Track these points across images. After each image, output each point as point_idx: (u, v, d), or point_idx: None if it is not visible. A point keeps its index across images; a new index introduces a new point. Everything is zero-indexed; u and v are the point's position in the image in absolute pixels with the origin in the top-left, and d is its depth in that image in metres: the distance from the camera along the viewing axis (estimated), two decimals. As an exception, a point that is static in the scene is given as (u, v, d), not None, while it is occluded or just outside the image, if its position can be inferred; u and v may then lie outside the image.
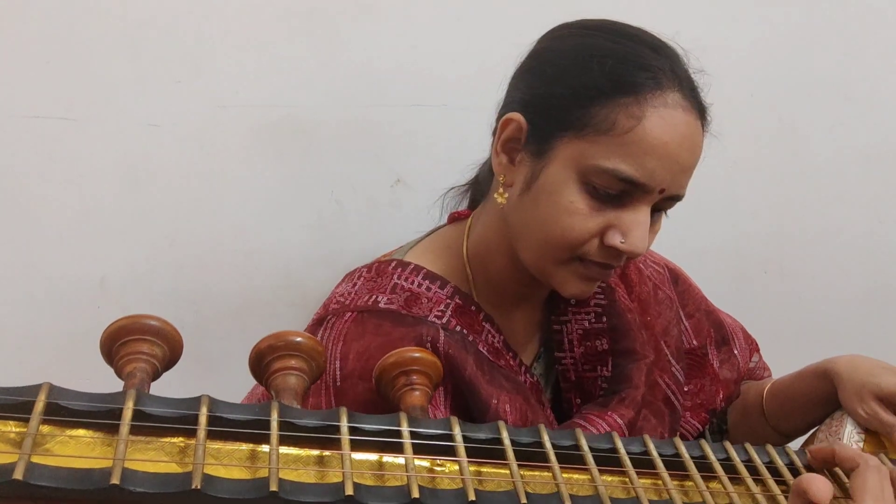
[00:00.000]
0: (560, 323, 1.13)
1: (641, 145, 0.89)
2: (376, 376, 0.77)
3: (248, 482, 0.55)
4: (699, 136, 0.95)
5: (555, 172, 0.93)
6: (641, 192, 0.92)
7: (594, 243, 0.94)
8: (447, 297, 1.03)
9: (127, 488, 0.51)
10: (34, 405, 0.54)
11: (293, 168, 1.37)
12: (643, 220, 0.93)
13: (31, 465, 0.50)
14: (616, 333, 1.12)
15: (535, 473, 0.68)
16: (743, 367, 1.29)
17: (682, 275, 1.30)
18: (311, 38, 1.33)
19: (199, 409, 0.58)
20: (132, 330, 0.64)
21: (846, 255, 1.82)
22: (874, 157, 1.78)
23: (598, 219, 0.93)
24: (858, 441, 1.06)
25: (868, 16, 1.70)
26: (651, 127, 0.89)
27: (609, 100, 0.90)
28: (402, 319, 0.99)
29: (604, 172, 0.90)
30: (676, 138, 0.91)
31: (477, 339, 1.03)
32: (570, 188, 0.92)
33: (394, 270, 1.05)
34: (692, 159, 0.94)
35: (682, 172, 0.93)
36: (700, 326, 1.27)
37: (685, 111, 0.92)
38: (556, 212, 0.93)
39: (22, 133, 1.22)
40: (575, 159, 0.92)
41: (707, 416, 1.23)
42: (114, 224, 1.29)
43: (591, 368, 1.11)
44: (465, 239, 1.09)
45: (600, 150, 0.90)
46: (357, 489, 0.57)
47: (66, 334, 1.29)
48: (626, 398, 1.08)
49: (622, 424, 1.05)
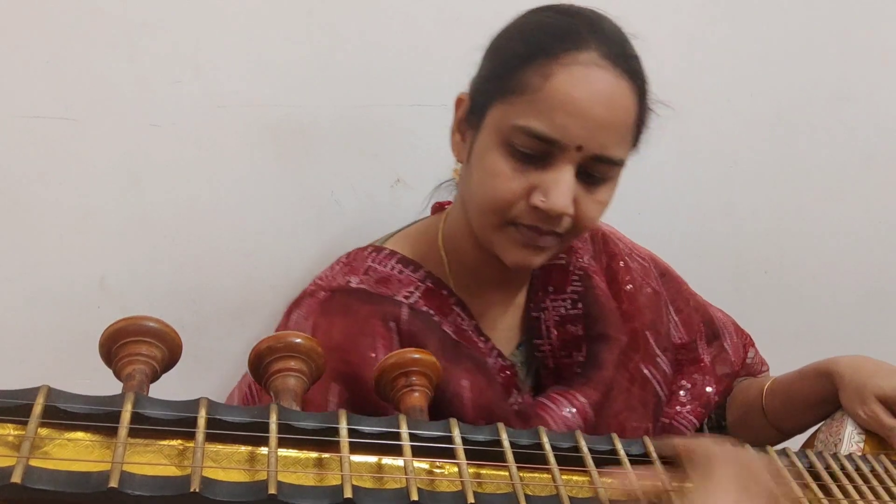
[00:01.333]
0: (538, 310, 1.15)
1: (550, 102, 0.92)
2: (376, 376, 0.77)
3: (247, 485, 0.55)
4: (620, 93, 0.96)
5: (483, 139, 0.98)
6: (559, 150, 0.94)
7: (522, 205, 0.96)
8: (419, 280, 1.07)
9: (125, 492, 0.51)
10: (32, 408, 0.53)
11: (293, 168, 1.37)
12: (563, 180, 0.94)
13: (29, 469, 0.50)
14: (591, 319, 1.14)
15: (534, 475, 0.69)
16: (735, 362, 1.30)
17: (669, 270, 1.31)
18: (311, 38, 1.33)
19: (197, 411, 0.58)
20: (131, 331, 0.63)
21: (846, 255, 1.83)
22: (874, 157, 1.79)
23: (521, 180, 0.95)
24: (859, 442, 1.06)
25: (868, 16, 1.70)
26: (559, 83, 0.92)
27: (525, 63, 0.94)
28: (370, 298, 1.03)
29: (518, 131, 0.94)
30: (588, 94, 0.92)
31: (443, 320, 1.05)
32: (493, 152, 0.96)
33: (369, 255, 1.09)
34: (609, 115, 0.94)
35: (599, 129, 0.94)
36: (690, 321, 1.27)
37: (601, 69, 0.94)
38: (483, 176, 0.97)
39: (22, 133, 1.21)
40: (497, 124, 0.96)
41: (702, 411, 1.24)
42: (114, 224, 1.29)
43: (567, 354, 1.13)
44: (441, 225, 1.12)
45: (516, 110, 0.94)
46: (356, 492, 0.57)
47: (66, 334, 1.29)
48: (593, 379, 1.09)
49: (585, 404, 1.06)
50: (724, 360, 1.29)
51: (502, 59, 0.99)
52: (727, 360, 1.29)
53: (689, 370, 1.25)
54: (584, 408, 1.06)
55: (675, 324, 1.26)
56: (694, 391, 1.24)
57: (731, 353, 1.30)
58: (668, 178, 1.66)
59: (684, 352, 1.26)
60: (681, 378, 1.24)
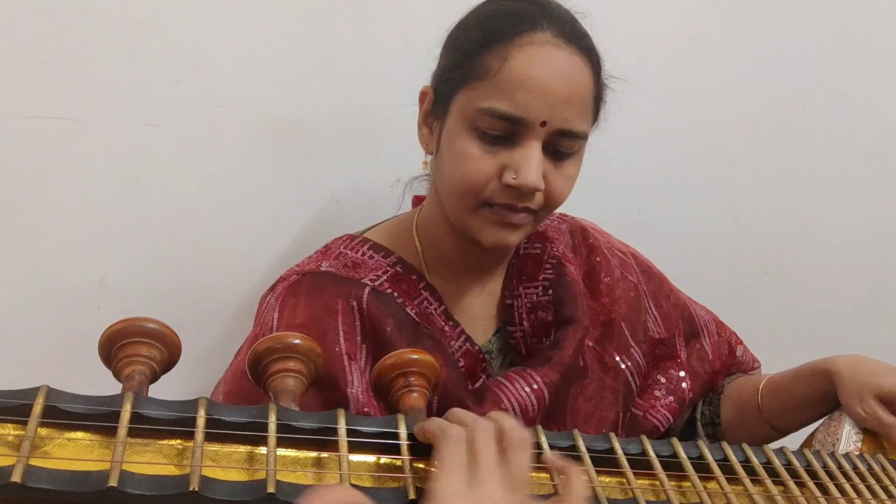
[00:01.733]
0: (512, 297, 1.17)
1: (511, 82, 0.96)
2: (375, 377, 0.77)
3: (246, 484, 0.56)
4: (577, 69, 0.99)
5: (450, 126, 1.02)
6: (523, 127, 0.97)
7: (495, 185, 0.99)
8: (388, 266, 1.10)
9: (125, 491, 0.51)
10: (32, 408, 0.54)
11: (293, 168, 1.37)
12: (531, 155, 0.98)
13: (29, 468, 0.50)
14: (559, 305, 1.16)
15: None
16: (714, 360, 1.31)
17: (651, 267, 1.33)
18: (311, 38, 1.33)
19: (196, 411, 0.59)
20: (130, 332, 0.64)
21: (846, 255, 1.83)
22: (874, 157, 1.79)
23: (491, 161, 0.99)
24: (857, 441, 1.06)
25: (868, 16, 1.71)
26: (517, 63, 0.96)
27: (483, 49, 0.99)
28: (336, 280, 1.07)
29: (483, 113, 0.97)
30: (545, 71, 0.96)
31: (409, 303, 1.08)
32: (461, 136, 1.00)
33: (342, 242, 1.14)
34: (567, 90, 0.98)
35: (559, 104, 0.97)
36: (669, 317, 1.29)
37: (556, 47, 0.98)
38: (454, 161, 1.01)
39: (22, 133, 1.21)
40: (462, 109, 1.00)
41: (677, 407, 1.25)
42: (114, 224, 1.29)
43: (539, 341, 1.16)
44: (415, 216, 1.16)
45: (479, 94, 0.98)
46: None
47: (66, 334, 1.29)
48: (551, 359, 1.11)
49: (542, 384, 1.08)
50: (701, 357, 1.30)
51: (461, 49, 1.02)
52: (705, 358, 1.30)
53: (666, 365, 1.27)
54: (540, 388, 1.08)
55: (655, 319, 1.27)
56: (669, 386, 1.25)
57: (709, 352, 1.31)
58: (668, 178, 1.66)
59: (662, 347, 1.27)
60: (657, 373, 1.26)
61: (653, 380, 1.25)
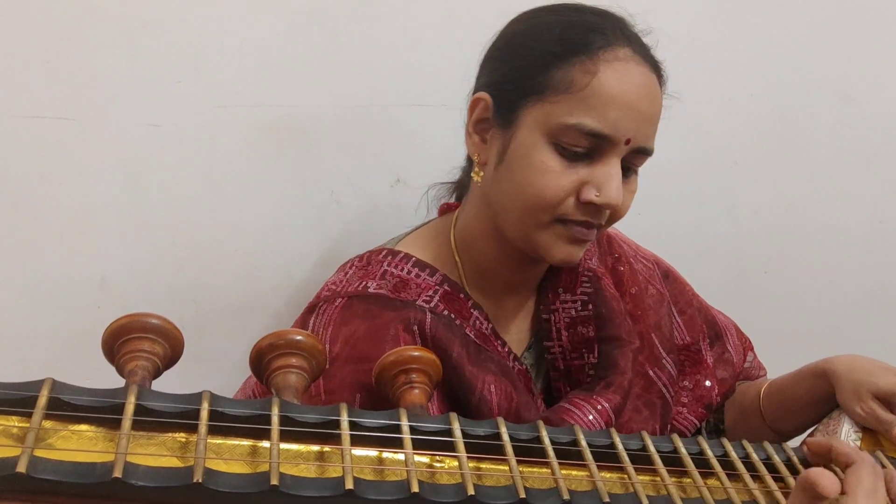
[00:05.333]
0: (549, 312, 1.15)
1: (601, 97, 0.94)
2: (376, 374, 0.77)
3: (249, 476, 0.56)
4: (655, 87, 0.99)
5: (523, 137, 0.98)
6: (608, 144, 0.95)
7: (571, 202, 0.97)
8: (436, 284, 1.06)
9: (129, 482, 0.51)
10: (37, 400, 0.54)
11: (293, 168, 1.37)
12: (615, 173, 0.96)
13: (33, 459, 0.50)
14: (601, 320, 1.14)
15: (533, 469, 0.69)
16: (737, 364, 1.30)
17: (672, 272, 1.32)
18: (311, 38, 1.34)
19: (200, 404, 0.59)
20: (134, 328, 0.64)
21: (846, 255, 1.83)
22: (874, 157, 1.79)
23: (571, 176, 0.96)
24: (855, 440, 1.07)
25: (868, 16, 1.71)
26: (606, 79, 0.94)
27: (563, 61, 0.95)
28: (390, 303, 1.01)
29: (569, 129, 0.94)
30: (633, 88, 0.95)
31: (465, 324, 1.05)
32: (539, 149, 0.96)
33: (384, 259, 1.07)
34: (652, 108, 0.98)
35: (644, 122, 0.97)
36: (692, 322, 1.28)
37: (637, 64, 0.97)
38: (529, 174, 0.97)
39: (22, 133, 1.22)
40: (540, 121, 0.96)
41: (704, 412, 1.24)
42: (114, 224, 1.29)
43: (579, 356, 1.13)
44: (452, 228, 1.12)
45: (563, 108, 0.95)
46: (357, 483, 0.57)
47: (67, 334, 1.29)
48: (613, 383, 1.09)
49: (608, 409, 1.06)
50: (726, 361, 1.29)
51: (533, 58, 0.98)
52: (729, 361, 1.29)
53: (691, 371, 1.26)
54: (606, 412, 1.06)
55: (678, 325, 1.26)
56: (695, 392, 1.24)
57: (733, 355, 1.30)
58: (669, 178, 1.66)
59: (686, 353, 1.26)
60: (683, 379, 1.25)
61: (680, 387, 1.24)
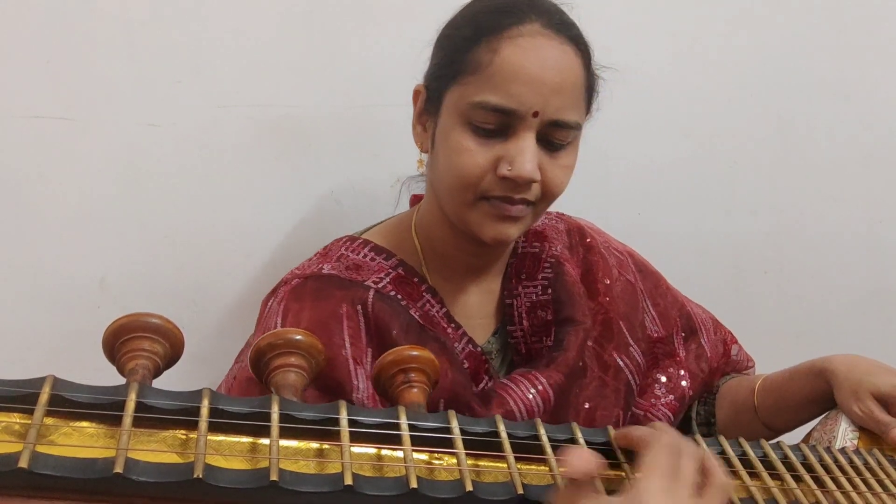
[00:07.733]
0: (511, 297, 1.18)
1: (503, 74, 0.97)
2: (375, 373, 0.77)
3: (249, 472, 0.56)
4: (567, 58, 1.00)
5: (444, 122, 1.03)
6: (516, 119, 0.98)
7: (490, 178, 1.00)
8: (390, 268, 1.10)
9: (130, 477, 0.51)
10: (39, 397, 0.54)
11: (293, 168, 1.38)
12: (525, 147, 0.98)
13: (35, 455, 0.50)
14: (559, 304, 1.17)
15: (531, 466, 0.69)
16: (712, 358, 1.31)
17: (646, 265, 1.33)
18: (311, 38, 1.34)
19: (200, 401, 0.59)
20: (134, 327, 0.64)
21: (846, 255, 1.83)
22: (874, 157, 1.79)
23: (486, 154, 0.99)
24: (853, 439, 1.06)
25: (867, 16, 1.71)
26: (507, 55, 0.97)
27: (473, 44, 1.00)
28: (340, 283, 1.07)
29: (477, 107, 0.98)
30: (536, 61, 0.97)
31: (412, 305, 1.08)
32: (456, 131, 1.00)
33: (343, 244, 1.13)
34: (559, 79, 0.98)
35: (552, 94, 0.98)
36: (666, 315, 1.29)
37: (545, 37, 0.99)
38: (449, 156, 1.01)
39: (22, 133, 1.22)
40: (456, 104, 1.01)
41: (677, 405, 1.25)
42: (114, 224, 1.29)
43: (538, 340, 1.16)
44: (414, 216, 1.17)
45: (471, 88, 0.99)
46: (356, 479, 0.57)
47: (67, 333, 1.29)
48: (555, 360, 1.12)
49: (547, 385, 1.09)
50: (700, 355, 1.30)
51: (451, 46, 1.04)
52: (703, 357, 1.30)
53: (666, 364, 1.27)
54: (545, 389, 1.08)
55: (652, 317, 1.28)
56: (669, 385, 1.25)
57: (707, 350, 1.31)
58: (668, 178, 1.66)
59: (661, 345, 1.27)
60: (657, 371, 1.26)
61: (653, 379, 1.26)
